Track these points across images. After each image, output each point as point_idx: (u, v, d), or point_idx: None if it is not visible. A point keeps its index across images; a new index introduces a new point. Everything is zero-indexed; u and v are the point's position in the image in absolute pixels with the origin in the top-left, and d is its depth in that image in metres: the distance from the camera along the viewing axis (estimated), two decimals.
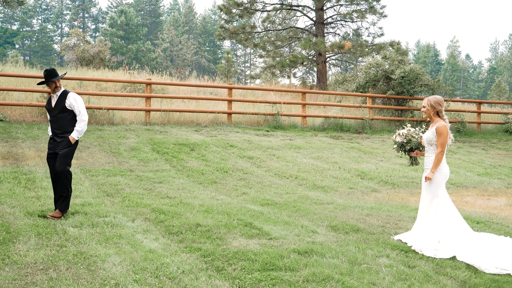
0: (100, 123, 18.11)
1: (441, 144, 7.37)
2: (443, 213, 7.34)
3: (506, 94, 68.68)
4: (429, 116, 7.60)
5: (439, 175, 7.47)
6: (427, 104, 7.57)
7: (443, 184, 7.53)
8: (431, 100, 7.57)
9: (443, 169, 7.48)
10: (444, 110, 7.60)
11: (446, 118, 7.59)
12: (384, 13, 31.07)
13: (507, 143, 22.63)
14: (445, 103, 24.59)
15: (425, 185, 7.60)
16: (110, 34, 76.99)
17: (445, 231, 7.19)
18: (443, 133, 7.34)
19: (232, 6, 30.60)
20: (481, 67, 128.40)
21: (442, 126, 7.37)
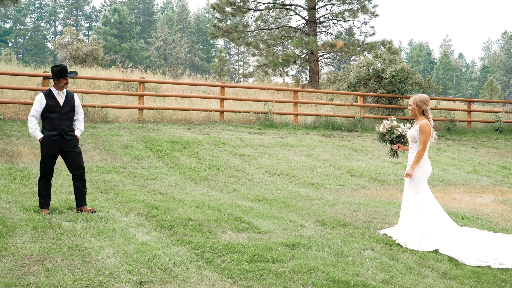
0: (93, 121, 18.28)
1: (423, 142, 7.60)
2: (425, 208, 7.58)
3: (498, 93, 69.12)
4: (415, 115, 7.84)
5: (421, 171, 7.70)
6: (413, 102, 7.80)
7: (425, 180, 7.78)
8: (417, 99, 7.79)
9: (425, 165, 7.72)
10: (429, 109, 7.83)
11: (430, 117, 7.82)
12: (376, 12, 31.35)
13: (496, 141, 22.91)
14: (431, 102, 24.66)
15: (407, 181, 7.85)
16: (103, 33, 77.00)
17: (427, 225, 7.43)
18: (425, 131, 7.57)
19: (225, 5, 30.78)
20: (474, 66, 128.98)
21: (425, 124, 7.61)
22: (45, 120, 8.53)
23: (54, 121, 8.48)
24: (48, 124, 8.48)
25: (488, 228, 8.56)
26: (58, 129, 8.50)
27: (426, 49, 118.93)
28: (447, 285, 5.58)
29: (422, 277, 5.77)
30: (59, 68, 8.53)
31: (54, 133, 8.47)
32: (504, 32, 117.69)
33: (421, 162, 7.72)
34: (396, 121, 8.46)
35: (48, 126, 8.48)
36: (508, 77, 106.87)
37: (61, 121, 8.51)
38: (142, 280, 5.22)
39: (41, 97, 8.52)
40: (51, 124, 8.48)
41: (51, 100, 8.51)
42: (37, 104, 8.49)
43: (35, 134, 8.52)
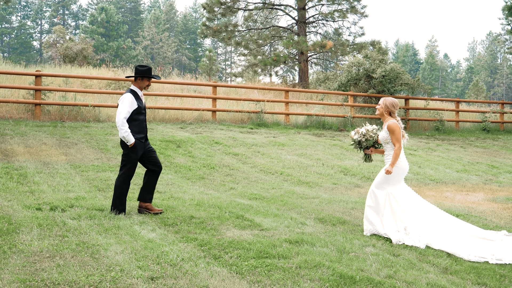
0: (86, 120, 18.32)
1: (396, 140, 7.78)
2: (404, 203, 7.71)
3: (483, 93, 69.77)
4: (382, 115, 8.01)
5: (395, 170, 7.85)
6: (383, 103, 7.98)
7: (400, 179, 7.91)
8: (387, 100, 7.98)
9: (399, 164, 7.86)
10: (396, 112, 8.02)
11: (399, 120, 7.98)
12: (365, 13, 31.59)
13: (484, 141, 23.20)
14: (421, 102, 24.83)
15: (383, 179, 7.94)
16: (90, 32, 76.78)
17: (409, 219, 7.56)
18: (395, 130, 7.75)
19: (215, 5, 30.86)
20: (459, 66, 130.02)
21: (392, 123, 7.79)
22: (132, 122, 8.17)
23: (142, 123, 8.29)
24: (135, 126, 8.19)
25: (483, 226, 8.74)
26: (145, 131, 8.37)
27: (412, 49, 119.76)
28: (449, 280, 5.74)
29: (424, 272, 5.93)
30: (146, 68, 8.35)
31: (142, 136, 8.29)
32: (489, 33, 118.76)
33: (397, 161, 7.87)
34: (368, 123, 8.58)
35: (136, 128, 8.20)
36: (492, 78, 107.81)
37: (145, 123, 8.38)
38: (154, 275, 5.33)
39: (131, 97, 8.19)
40: (138, 126, 8.24)
41: (139, 101, 8.27)
42: (129, 105, 8.12)
43: (128, 138, 8.06)
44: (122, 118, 8.03)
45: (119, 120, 8.04)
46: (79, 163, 12.83)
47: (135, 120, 8.17)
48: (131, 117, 8.14)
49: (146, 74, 8.28)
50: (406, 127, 24.39)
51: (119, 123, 8.04)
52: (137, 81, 8.36)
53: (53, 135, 15.54)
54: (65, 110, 18.47)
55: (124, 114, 8.05)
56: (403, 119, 24.41)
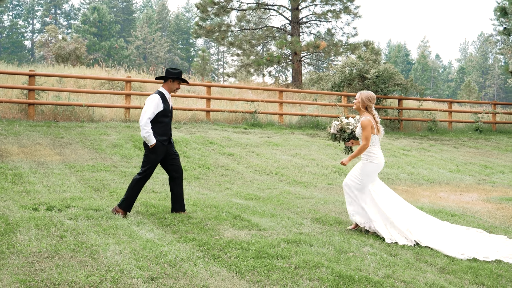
0: (80, 120, 18.28)
1: (365, 137, 7.83)
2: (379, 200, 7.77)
3: (475, 94, 70.08)
4: (359, 109, 8.08)
5: (371, 166, 7.91)
6: (359, 97, 8.04)
7: (375, 174, 7.97)
8: (363, 94, 8.03)
9: (375, 160, 7.92)
10: (373, 106, 8.07)
11: (375, 114, 8.04)
12: (358, 13, 31.66)
13: (477, 141, 23.31)
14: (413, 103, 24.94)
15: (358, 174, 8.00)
16: (82, 31, 76.56)
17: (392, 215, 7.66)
18: (366, 127, 7.81)
19: (208, 5, 30.85)
20: (450, 67, 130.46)
21: (365, 120, 7.84)
22: (156, 124, 8.13)
23: (166, 126, 8.23)
24: (159, 128, 8.15)
25: (478, 226, 8.79)
26: (168, 134, 8.30)
27: (404, 50, 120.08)
28: (447, 280, 5.77)
29: (422, 272, 5.96)
30: (178, 71, 8.32)
31: (165, 138, 8.23)
32: (480, 34, 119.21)
33: (372, 157, 7.92)
34: (344, 118, 8.64)
35: (159, 130, 8.16)
36: (484, 78, 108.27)
37: (170, 126, 8.32)
38: (153, 276, 5.33)
39: (158, 99, 8.15)
40: (162, 128, 8.18)
41: (165, 103, 8.22)
42: (155, 106, 8.08)
43: (149, 138, 8.03)
44: (146, 119, 8.01)
45: (143, 119, 8.03)
46: (73, 163, 12.80)
47: (159, 122, 8.15)
48: (155, 119, 8.12)
49: (178, 76, 8.28)
50: (399, 128, 24.49)
51: (142, 123, 8.03)
52: (167, 83, 8.33)
53: (47, 135, 15.51)
54: (59, 110, 18.42)
55: (148, 115, 8.03)
56: (396, 119, 24.50)
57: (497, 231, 8.38)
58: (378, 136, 8.02)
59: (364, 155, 7.96)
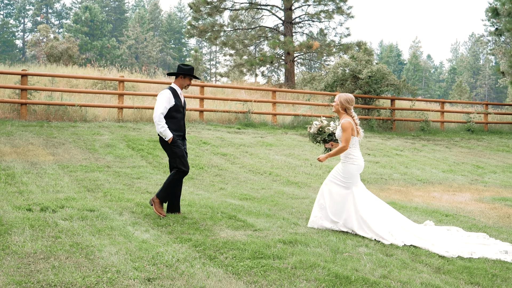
0: (73, 119, 18.22)
1: (345, 139, 7.88)
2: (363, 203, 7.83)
3: (466, 94, 70.36)
4: (338, 111, 8.15)
5: (352, 168, 7.97)
6: (338, 100, 8.11)
7: (355, 177, 8.03)
8: (342, 96, 8.10)
9: (355, 161, 8.00)
10: (352, 108, 8.13)
11: (354, 116, 8.09)
12: (351, 13, 31.72)
13: (469, 141, 23.41)
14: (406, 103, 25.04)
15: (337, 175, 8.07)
16: (74, 30, 76.31)
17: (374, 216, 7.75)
18: (346, 129, 7.86)
19: (202, 4, 30.82)
20: (442, 67, 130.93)
21: (346, 122, 7.89)
22: (170, 119, 8.13)
23: (180, 121, 8.23)
24: (173, 124, 8.14)
25: (472, 226, 8.84)
26: (183, 129, 8.30)
27: (396, 50, 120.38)
28: (442, 280, 5.80)
29: (418, 272, 5.98)
30: (189, 67, 8.33)
31: (180, 134, 8.23)
32: (471, 34, 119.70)
33: (352, 159, 7.98)
34: (325, 120, 8.69)
35: (174, 126, 8.15)
36: (475, 79, 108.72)
37: (183, 122, 8.30)
38: (150, 276, 5.32)
39: (169, 94, 8.16)
40: (176, 124, 8.18)
41: (177, 99, 8.21)
42: (166, 101, 8.09)
43: (166, 133, 8.02)
44: (159, 114, 8.01)
45: (156, 115, 8.03)
46: (67, 163, 12.76)
47: (172, 117, 8.15)
48: (168, 114, 8.12)
49: (189, 73, 8.29)
50: (392, 128, 24.55)
51: (156, 119, 8.03)
52: (178, 79, 8.36)
53: (39, 135, 15.45)
54: (51, 109, 18.35)
55: (161, 110, 8.02)
56: (388, 119, 24.56)
57: (491, 231, 8.42)
58: (358, 138, 8.09)
59: (344, 157, 8.03)
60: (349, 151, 7.98)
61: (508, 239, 7.87)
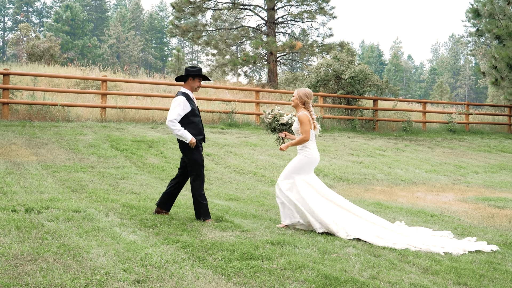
0: (55, 119, 18.08)
1: (305, 131, 7.96)
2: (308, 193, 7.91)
3: (447, 94, 70.95)
4: (296, 105, 8.21)
5: (305, 160, 8.05)
6: (297, 94, 8.19)
7: (309, 169, 8.10)
8: (300, 91, 8.19)
9: (310, 154, 8.08)
10: (310, 103, 8.21)
11: (312, 111, 8.19)
12: (334, 14, 31.80)
13: (451, 141, 23.60)
14: (389, 104, 25.21)
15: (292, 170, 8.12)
16: (55, 29, 75.68)
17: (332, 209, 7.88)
18: (304, 121, 7.95)
19: (184, 4, 30.72)
20: (422, 67, 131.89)
21: (302, 114, 7.99)
22: (189, 124, 8.00)
23: (198, 125, 8.11)
24: (193, 128, 8.03)
25: (457, 226, 8.91)
26: (202, 132, 8.19)
27: (377, 50, 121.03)
28: (431, 280, 5.83)
29: (406, 273, 6.01)
30: (197, 68, 8.18)
31: (201, 137, 8.13)
32: (452, 35, 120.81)
33: (307, 152, 8.07)
34: (280, 110, 8.73)
35: (194, 130, 8.04)
36: (455, 79, 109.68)
37: (202, 125, 8.17)
38: (140, 278, 5.28)
39: (184, 99, 7.99)
40: (196, 128, 8.05)
41: (192, 103, 8.06)
42: (181, 107, 7.92)
43: (185, 135, 7.89)
44: (173, 120, 7.85)
45: (168, 122, 7.91)
46: (50, 164, 12.65)
47: (191, 122, 8.03)
48: (187, 120, 7.99)
49: (199, 73, 8.15)
50: (375, 128, 24.68)
51: (169, 125, 7.91)
52: (188, 82, 8.19)
53: (22, 135, 15.31)
54: (34, 109, 18.19)
55: (173, 116, 7.86)
56: (371, 119, 24.68)
57: (476, 231, 8.50)
58: (315, 132, 8.20)
59: (300, 150, 8.12)
60: (306, 143, 8.07)
61: (494, 240, 7.95)
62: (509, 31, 23.66)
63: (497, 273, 6.25)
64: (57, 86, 23.85)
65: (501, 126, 29.15)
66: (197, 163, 8.11)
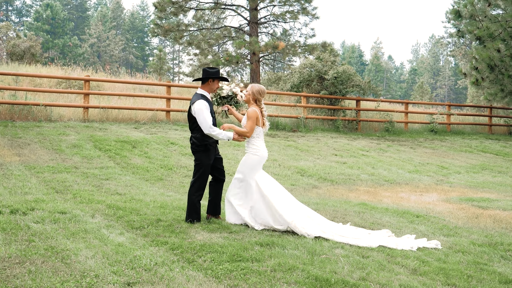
0: (37, 119, 17.90)
1: (249, 127, 8.01)
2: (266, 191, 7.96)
3: (428, 95, 71.48)
4: (248, 101, 8.24)
5: (254, 158, 8.10)
6: (250, 90, 8.20)
7: (259, 167, 8.15)
8: (255, 87, 8.22)
9: (258, 152, 8.13)
10: (263, 100, 8.27)
11: (263, 108, 8.24)
12: (316, 14, 31.80)
13: (432, 142, 23.78)
14: (371, 104, 25.34)
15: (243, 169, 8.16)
16: (35, 28, 74.97)
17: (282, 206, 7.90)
18: (251, 117, 7.99)
19: (167, 4, 30.57)
20: (402, 68, 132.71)
21: (251, 111, 8.03)
22: None
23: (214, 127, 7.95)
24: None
25: (443, 226, 8.96)
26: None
27: (358, 51, 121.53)
28: (420, 282, 5.86)
29: (395, 274, 6.03)
30: (216, 69, 8.04)
31: (214, 140, 8.06)
32: (431, 36, 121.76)
33: (255, 150, 8.12)
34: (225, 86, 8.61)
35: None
36: (435, 80, 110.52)
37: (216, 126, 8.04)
38: (130, 281, 5.25)
39: (206, 103, 7.87)
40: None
41: (211, 105, 7.96)
42: (208, 111, 7.84)
43: (227, 134, 7.90)
44: (208, 128, 7.74)
45: (206, 130, 7.76)
46: (33, 164, 12.53)
47: None
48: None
49: (218, 75, 8.07)
50: (357, 128, 24.77)
51: (209, 133, 7.79)
52: (207, 84, 8.08)
53: (4, 135, 15.14)
54: (16, 109, 18.00)
55: (209, 123, 7.75)
56: (354, 120, 24.77)
57: (461, 232, 8.55)
58: (263, 129, 8.24)
59: (248, 148, 8.16)
60: (253, 141, 8.11)
61: (479, 240, 8.00)
62: (489, 32, 23.88)
63: (485, 273, 6.30)
64: (39, 86, 23.64)
65: (481, 127, 29.43)
66: (203, 166, 8.05)
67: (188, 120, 8.18)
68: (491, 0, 24.28)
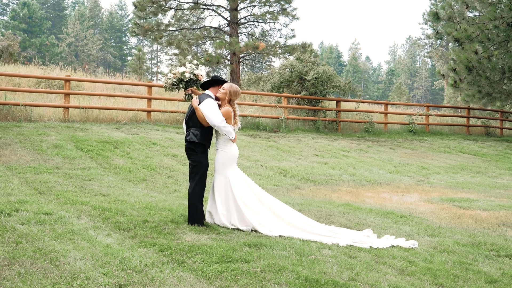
0: (17, 119, 17.72)
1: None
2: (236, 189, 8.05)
3: (405, 96, 72.06)
4: (223, 100, 8.25)
5: (225, 155, 8.16)
6: (228, 89, 8.22)
7: (232, 164, 8.21)
8: (232, 87, 8.27)
9: (228, 149, 8.18)
10: (236, 101, 8.38)
11: (236, 108, 8.30)
12: (296, 15, 31.92)
13: (411, 142, 23.99)
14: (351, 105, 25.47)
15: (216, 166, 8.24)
16: (12, 27, 74.11)
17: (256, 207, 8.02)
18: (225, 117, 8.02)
19: (147, 3, 30.45)
20: (380, 69, 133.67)
21: (225, 110, 8.07)
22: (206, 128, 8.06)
23: (212, 129, 8.14)
24: (208, 133, 8.12)
25: (426, 226, 9.06)
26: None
27: (336, 51, 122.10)
28: (408, 282, 5.92)
29: (383, 274, 6.10)
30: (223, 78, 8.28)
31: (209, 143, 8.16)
32: (409, 37, 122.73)
33: (226, 147, 8.18)
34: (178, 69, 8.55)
35: (209, 134, 8.14)
36: (412, 80, 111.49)
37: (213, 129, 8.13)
38: (121, 283, 5.23)
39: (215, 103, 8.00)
40: (210, 132, 8.14)
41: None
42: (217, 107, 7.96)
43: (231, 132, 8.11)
44: (219, 122, 7.84)
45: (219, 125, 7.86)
46: (15, 165, 12.41)
47: (210, 126, 8.05)
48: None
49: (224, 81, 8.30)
50: (337, 129, 24.90)
51: (221, 126, 7.87)
52: (215, 87, 8.27)
53: None
54: None
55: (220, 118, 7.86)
56: (334, 120, 24.89)
57: (445, 232, 8.65)
58: (235, 128, 8.28)
59: (219, 145, 8.19)
60: (224, 138, 8.15)
61: (463, 240, 8.11)
62: (467, 34, 24.13)
63: (471, 273, 6.39)
64: (17, 86, 23.40)
65: (459, 127, 29.76)
66: (202, 167, 8.06)
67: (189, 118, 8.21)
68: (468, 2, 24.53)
